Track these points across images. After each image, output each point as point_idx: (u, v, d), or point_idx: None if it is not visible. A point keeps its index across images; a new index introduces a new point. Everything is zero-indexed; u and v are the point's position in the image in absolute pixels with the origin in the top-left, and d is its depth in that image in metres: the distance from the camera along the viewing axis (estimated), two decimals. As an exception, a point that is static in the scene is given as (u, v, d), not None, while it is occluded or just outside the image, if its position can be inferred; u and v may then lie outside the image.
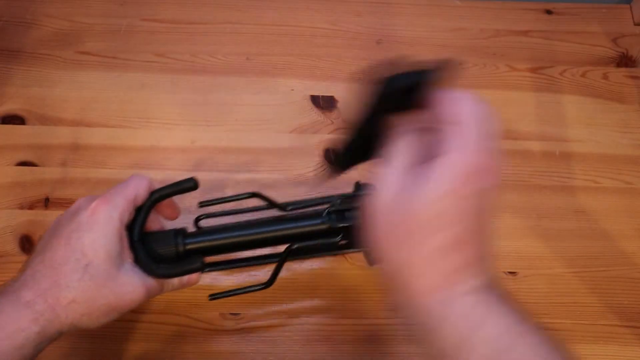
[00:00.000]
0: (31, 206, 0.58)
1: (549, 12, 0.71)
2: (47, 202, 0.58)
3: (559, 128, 0.63)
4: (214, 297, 0.49)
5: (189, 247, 0.45)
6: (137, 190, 0.43)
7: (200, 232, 0.48)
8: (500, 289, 0.33)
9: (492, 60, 0.67)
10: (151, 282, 0.42)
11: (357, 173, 0.58)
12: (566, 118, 0.64)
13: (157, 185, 0.45)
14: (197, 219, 0.51)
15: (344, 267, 0.56)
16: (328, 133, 0.62)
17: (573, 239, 0.58)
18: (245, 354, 0.52)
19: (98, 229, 0.39)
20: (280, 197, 0.58)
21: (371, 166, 0.37)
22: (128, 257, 0.42)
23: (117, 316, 0.41)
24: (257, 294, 0.48)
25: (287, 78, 0.65)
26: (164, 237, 0.45)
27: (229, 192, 0.59)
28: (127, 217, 0.42)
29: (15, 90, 0.63)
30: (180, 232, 0.46)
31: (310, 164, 0.61)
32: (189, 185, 0.45)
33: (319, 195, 0.51)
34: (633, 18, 0.71)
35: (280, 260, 0.48)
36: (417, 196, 0.30)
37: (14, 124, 0.62)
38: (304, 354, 0.52)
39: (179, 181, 0.45)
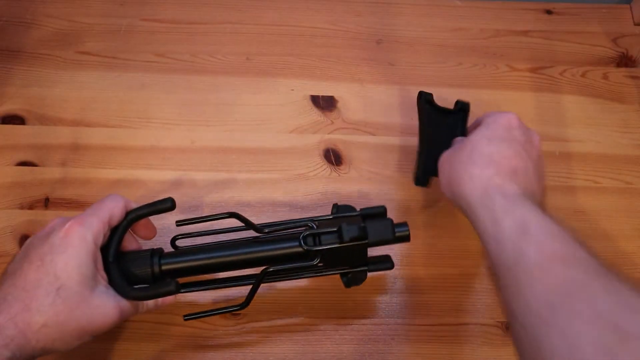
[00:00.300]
0: (31, 206, 0.58)
1: (549, 12, 0.71)
2: (47, 202, 0.58)
3: (559, 128, 0.63)
4: (188, 317, 0.49)
5: (164, 267, 0.45)
6: (112, 210, 0.43)
7: (177, 252, 0.47)
8: (538, 204, 0.42)
9: (492, 60, 0.67)
10: (125, 303, 0.42)
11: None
12: (566, 118, 0.64)
13: (134, 205, 0.45)
14: (174, 239, 0.49)
15: (344, 267, 0.56)
16: (328, 133, 0.62)
17: (573, 239, 0.58)
18: (245, 354, 0.52)
19: (71, 251, 0.39)
20: (280, 196, 0.59)
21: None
22: (102, 278, 0.41)
23: (89, 339, 0.41)
24: (257, 294, 0.48)
25: (287, 78, 0.65)
26: (140, 257, 0.45)
27: (229, 193, 0.59)
28: (101, 238, 0.42)
29: (15, 90, 0.63)
30: (157, 253, 0.46)
31: (310, 164, 0.61)
32: (166, 206, 0.45)
33: (295, 217, 0.50)
34: (633, 18, 0.71)
35: (256, 281, 0.47)
36: (471, 138, 0.48)
37: (14, 124, 0.62)
38: (304, 354, 0.52)
39: (156, 201, 0.46)
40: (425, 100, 0.55)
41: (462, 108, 0.56)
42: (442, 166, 0.49)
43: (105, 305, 0.40)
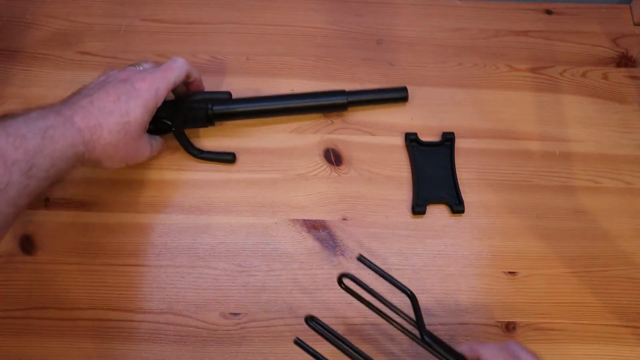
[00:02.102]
0: (31, 206, 0.57)
1: (549, 12, 0.71)
2: (47, 202, 0.58)
3: (559, 128, 0.63)
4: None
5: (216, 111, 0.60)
6: (177, 77, 0.55)
7: (228, 101, 0.61)
8: None
9: (492, 60, 0.67)
10: (154, 146, 0.57)
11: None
12: (566, 118, 0.64)
13: (195, 72, 0.58)
14: None
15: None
16: (328, 133, 0.62)
17: (573, 239, 0.58)
18: (245, 353, 0.52)
19: (143, 101, 0.51)
20: (280, 196, 0.59)
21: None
22: (147, 127, 0.53)
23: (123, 166, 0.53)
24: (257, 294, 0.48)
25: (287, 78, 0.65)
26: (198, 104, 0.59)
27: (230, 192, 0.59)
28: (163, 98, 0.53)
29: (15, 90, 0.63)
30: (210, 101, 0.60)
31: (310, 164, 0.61)
32: (224, 97, 0.60)
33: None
34: (633, 18, 0.71)
35: None
36: None
37: (14, 124, 0.62)
38: (303, 354, 0.52)
39: (216, 91, 0.61)
40: (410, 140, 0.61)
41: (448, 138, 0.61)
42: None
43: (146, 145, 0.55)
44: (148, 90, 0.52)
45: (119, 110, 0.49)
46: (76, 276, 0.55)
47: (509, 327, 0.54)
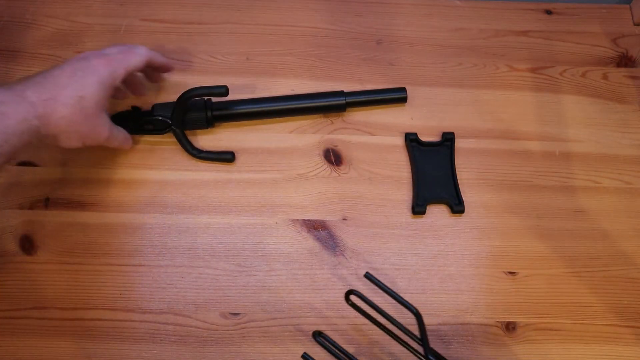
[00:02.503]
0: (31, 206, 0.58)
1: (548, 12, 0.71)
2: (47, 202, 0.58)
3: (559, 128, 0.63)
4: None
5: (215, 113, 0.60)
6: (138, 63, 0.54)
7: (225, 103, 0.61)
8: None
9: (492, 60, 0.67)
10: (115, 132, 0.55)
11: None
12: (566, 118, 0.64)
13: (158, 58, 0.58)
14: None
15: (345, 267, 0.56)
16: (328, 133, 0.62)
17: (573, 239, 0.58)
18: (245, 354, 0.52)
19: (98, 77, 0.50)
20: (280, 196, 0.59)
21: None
22: (105, 107, 0.52)
23: (81, 146, 0.52)
24: (257, 294, 0.48)
25: (287, 78, 0.65)
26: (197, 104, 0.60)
27: (230, 192, 0.59)
28: (120, 79, 0.53)
29: (15, 90, 0.63)
30: (209, 103, 0.61)
31: (310, 164, 0.61)
32: (221, 91, 0.56)
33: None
34: (633, 18, 0.71)
35: None
36: None
37: (14, 124, 0.62)
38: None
39: (212, 86, 0.57)
40: (410, 140, 0.61)
41: (448, 138, 0.61)
42: None
43: (104, 126, 0.53)
44: (105, 67, 0.51)
45: (74, 84, 0.49)
46: (76, 276, 0.55)
47: (509, 327, 0.54)
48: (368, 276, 0.44)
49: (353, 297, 0.44)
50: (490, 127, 0.63)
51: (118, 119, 0.59)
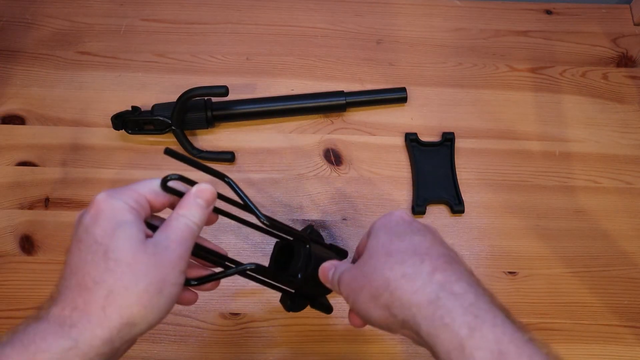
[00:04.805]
0: (31, 206, 0.58)
1: (548, 12, 0.71)
2: (47, 202, 0.58)
3: (559, 128, 0.63)
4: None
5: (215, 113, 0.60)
6: (145, 185, 0.35)
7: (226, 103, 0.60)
8: (488, 295, 0.35)
9: (492, 60, 0.67)
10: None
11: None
12: (566, 118, 0.64)
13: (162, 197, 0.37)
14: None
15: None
16: (328, 133, 0.62)
17: (573, 239, 0.58)
18: (245, 354, 0.52)
19: (105, 217, 0.33)
20: (280, 196, 0.59)
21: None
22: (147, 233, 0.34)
23: (172, 297, 0.35)
24: (257, 294, 0.48)
25: (287, 78, 0.65)
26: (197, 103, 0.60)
27: (230, 193, 0.59)
28: (133, 201, 0.34)
29: (15, 90, 0.63)
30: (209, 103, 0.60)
31: (310, 164, 0.61)
32: (221, 91, 0.55)
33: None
34: (633, 18, 0.71)
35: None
36: (375, 244, 0.38)
37: (14, 124, 0.62)
38: (303, 354, 0.52)
39: (212, 86, 0.56)
40: (410, 140, 0.61)
41: (448, 138, 0.61)
42: (352, 284, 0.38)
43: (168, 249, 0.33)
44: (105, 203, 0.33)
45: (87, 250, 0.33)
46: (76, 276, 0.55)
47: None
48: (168, 152, 0.35)
49: (172, 183, 0.35)
50: (490, 127, 0.63)
51: (118, 119, 0.59)
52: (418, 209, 0.57)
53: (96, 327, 0.31)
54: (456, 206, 0.58)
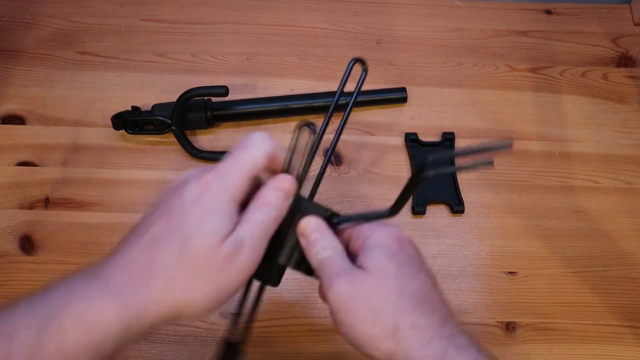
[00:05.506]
0: (31, 206, 0.58)
1: (548, 12, 0.71)
2: (47, 202, 0.58)
3: (559, 128, 0.63)
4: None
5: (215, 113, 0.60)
6: (254, 161, 0.36)
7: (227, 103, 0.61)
8: (477, 341, 0.35)
9: (492, 60, 0.67)
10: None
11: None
12: (566, 118, 0.64)
13: (280, 155, 0.40)
14: None
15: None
16: (328, 133, 0.62)
17: (573, 239, 0.58)
18: (245, 354, 0.52)
19: (204, 205, 0.33)
20: (280, 197, 0.59)
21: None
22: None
23: (224, 303, 0.34)
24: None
25: (287, 78, 0.65)
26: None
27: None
28: (241, 194, 0.35)
29: (15, 90, 0.63)
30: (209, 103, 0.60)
31: (310, 164, 0.61)
32: (221, 91, 0.56)
33: None
34: (633, 18, 0.71)
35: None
36: (378, 264, 0.35)
37: (14, 124, 0.62)
38: (303, 354, 0.52)
39: (212, 86, 0.57)
40: (410, 140, 0.61)
41: (448, 138, 0.61)
42: (348, 303, 0.34)
43: (240, 264, 0.33)
44: (212, 191, 0.34)
45: (170, 231, 0.33)
46: (76, 276, 0.55)
47: (509, 327, 0.54)
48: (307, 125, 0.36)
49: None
50: (490, 127, 0.63)
51: (118, 119, 0.59)
52: (418, 209, 0.57)
53: (149, 312, 0.31)
54: (456, 206, 0.58)
